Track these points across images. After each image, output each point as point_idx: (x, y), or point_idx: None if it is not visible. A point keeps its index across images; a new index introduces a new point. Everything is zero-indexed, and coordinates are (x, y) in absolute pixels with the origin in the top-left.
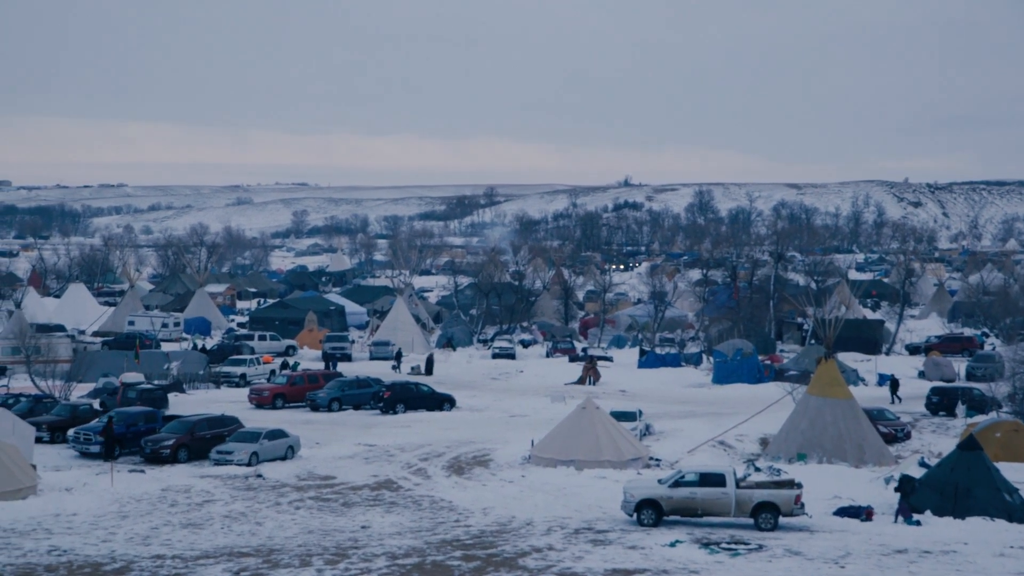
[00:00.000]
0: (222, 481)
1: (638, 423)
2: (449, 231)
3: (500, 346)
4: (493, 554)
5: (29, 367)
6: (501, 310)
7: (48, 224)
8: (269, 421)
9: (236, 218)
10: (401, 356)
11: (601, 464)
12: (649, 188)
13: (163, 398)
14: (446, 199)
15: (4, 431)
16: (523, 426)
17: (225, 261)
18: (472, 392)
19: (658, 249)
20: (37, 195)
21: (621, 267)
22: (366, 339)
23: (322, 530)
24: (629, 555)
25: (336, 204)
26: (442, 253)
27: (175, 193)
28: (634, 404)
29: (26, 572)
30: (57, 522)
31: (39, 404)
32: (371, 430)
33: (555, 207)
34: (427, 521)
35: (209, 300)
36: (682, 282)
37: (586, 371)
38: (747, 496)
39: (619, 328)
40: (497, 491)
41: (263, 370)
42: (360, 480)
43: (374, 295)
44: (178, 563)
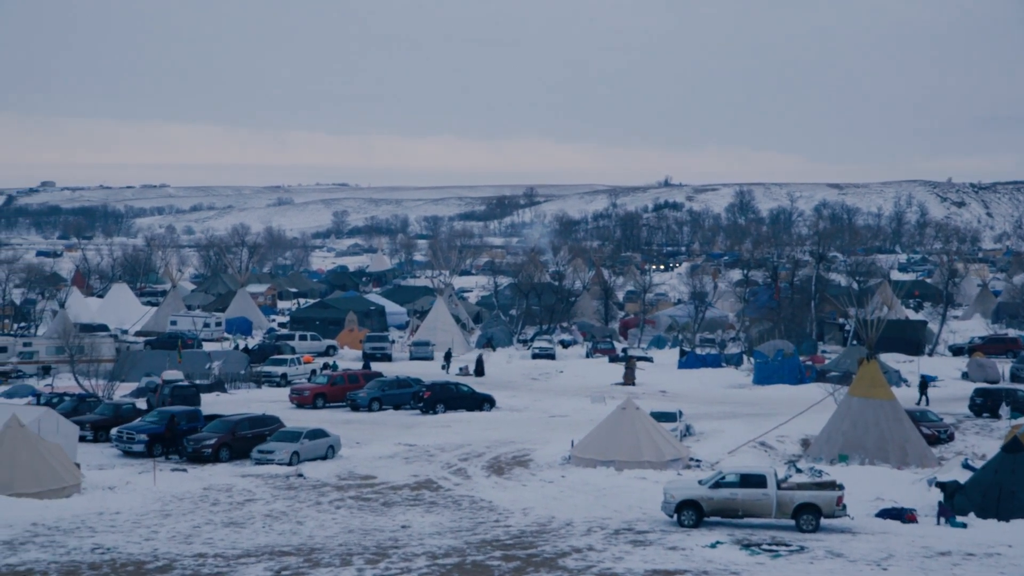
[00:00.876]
0: (263, 480)
1: (678, 424)
2: (489, 231)
3: (540, 346)
4: (533, 554)
5: (73, 366)
6: (541, 310)
7: (92, 225)
8: (310, 421)
9: (277, 218)
10: (451, 357)
11: (641, 465)
12: (689, 188)
13: (195, 396)
14: (486, 199)
15: (49, 430)
16: (563, 426)
17: (266, 261)
18: (512, 392)
19: (698, 249)
20: (81, 196)
21: (661, 267)
22: (406, 339)
23: (362, 529)
24: (669, 556)
25: (376, 204)
26: (482, 253)
27: (217, 194)
28: (674, 405)
29: (70, 570)
30: (100, 520)
31: (83, 403)
32: (411, 430)
33: (595, 207)
34: (467, 521)
35: (250, 300)
36: (723, 282)
37: (628, 370)
38: (788, 497)
39: (659, 328)
40: (537, 491)
41: (304, 370)
42: (400, 480)
43: (414, 295)
44: (220, 562)
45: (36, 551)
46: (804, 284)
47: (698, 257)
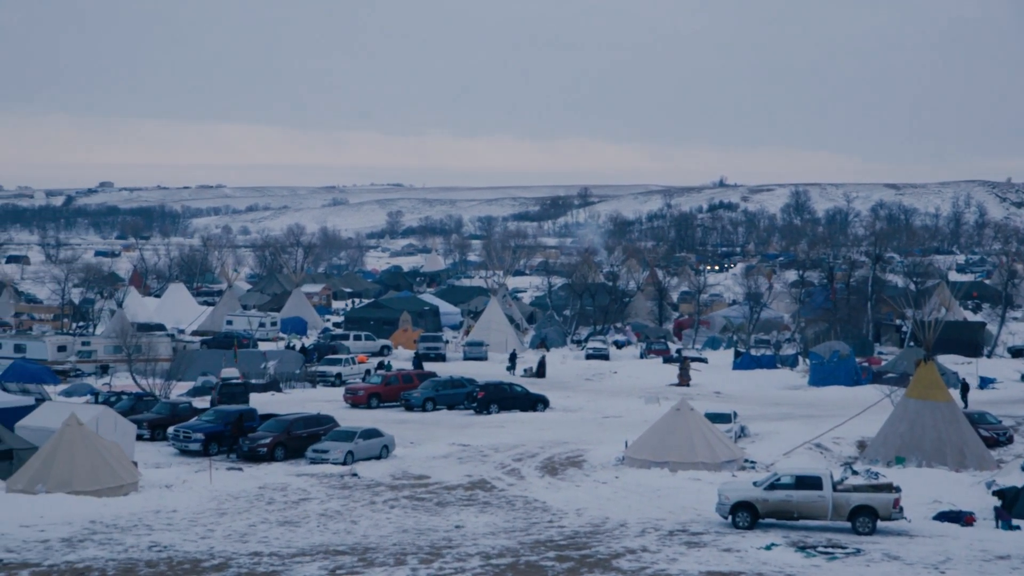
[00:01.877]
0: (318, 479)
1: (733, 425)
2: (543, 231)
3: (594, 347)
4: (587, 555)
5: (130, 365)
6: (595, 311)
7: (149, 225)
8: (364, 420)
9: (332, 218)
10: (515, 357)
11: (695, 466)
12: (744, 188)
13: (243, 394)
14: (540, 200)
15: (107, 429)
16: (617, 427)
17: (321, 261)
18: (566, 393)
19: (753, 250)
20: (138, 196)
21: (716, 268)
22: (460, 339)
23: (416, 529)
24: (724, 557)
25: (431, 205)
26: (536, 253)
27: (272, 194)
28: (729, 406)
29: (128, 567)
30: (157, 518)
31: (140, 402)
32: (465, 430)
33: (649, 208)
34: (521, 521)
35: (305, 300)
36: (778, 283)
37: (683, 371)
38: (844, 499)
39: (714, 329)
40: (591, 492)
41: (358, 370)
42: (454, 480)
43: (468, 295)
44: (275, 560)
45: (94, 548)
46: (860, 285)
47: (753, 258)
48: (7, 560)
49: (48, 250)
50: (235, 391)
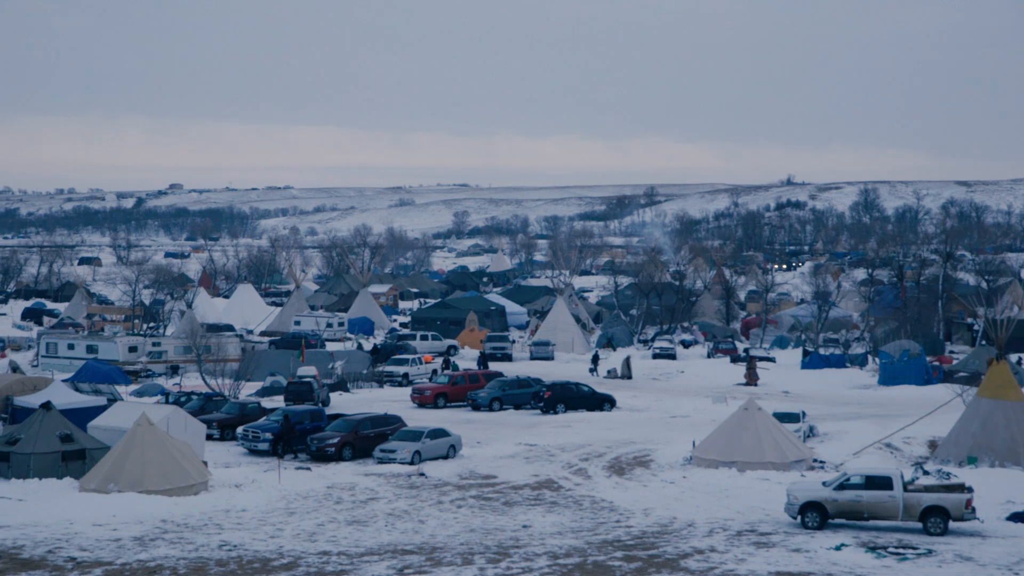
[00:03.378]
0: (385, 479)
1: (801, 424)
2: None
3: (660, 346)
4: (655, 555)
5: (200, 366)
6: (661, 310)
7: (218, 226)
8: (431, 420)
9: (398, 219)
10: (598, 359)
11: (764, 466)
12: (812, 187)
13: (308, 392)
14: (606, 199)
15: (177, 428)
16: (684, 427)
17: (388, 262)
18: (633, 392)
19: (822, 248)
20: (207, 198)
21: (784, 267)
22: (526, 339)
23: (484, 529)
24: (793, 558)
25: (497, 205)
26: (602, 253)
27: (339, 195)
28: (797, 405)
29: (198, 566)
30: (227, 517)
31: (209, 402)
32: (532, 430)
33: (716, 206)
34: (588, 521)
35: (372, 300)
36: (846, 282)
37: (750, 370)
38: (915, 500)
39: (782, 328)
40: (658, 492)
41: (425, 369)
42: (521, 480)
43: (534, 295)
44: (343, 559)
45: (165, 547)
46: (931, 283)
47: (821, 256)
48: (81, 559)
49: (119, 252)
50: (301, 390)
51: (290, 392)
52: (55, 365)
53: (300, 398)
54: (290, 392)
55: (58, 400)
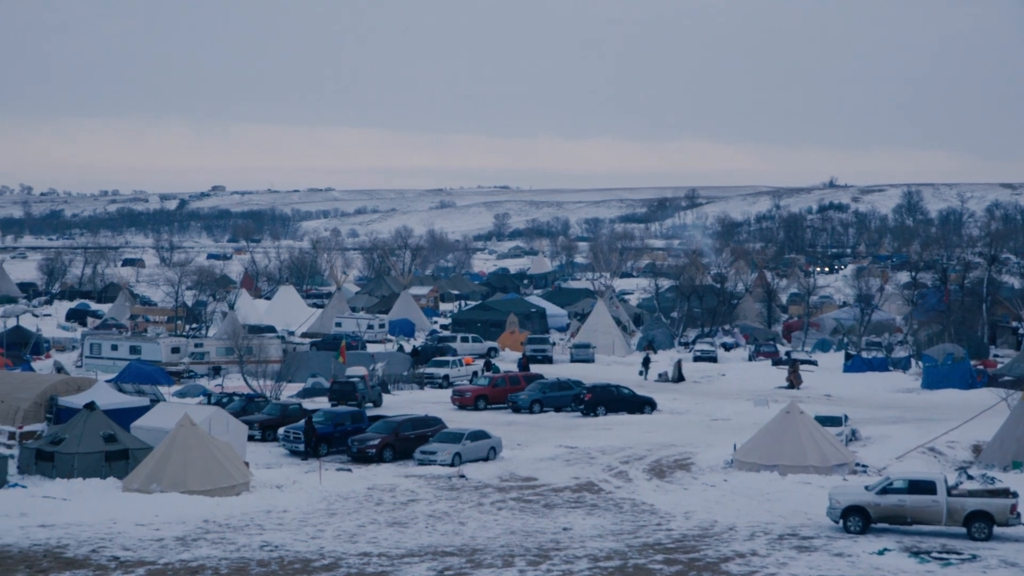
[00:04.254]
0: (426, 481)
1: (844, 428)
2: (650, 233)
3: (702, 349)
4: (695, 558)
5: (242, 367)
6: (702, 312)
7: (260, 228)
8: (471, 422)
9: (439, 221)
10: (649, 362)
11: (805, 469)
12: (855, 189)
13: (351, 392)
14: (647, 201)
15: (219, 429)
16: (725, 430)
17: (428, 263)
18: (673, 395)
19: (864, 251)
20: (250, 199)
21: (826, 269)
22: (567, 341)
23: (524, 531)
24: (835, 562)
25: (537, 207)
26: (643, 255)
27: (380, 197)
28: (839, 409)
29: (240, 566)
30: (269, 518)
31: (251, 403)
32: (572, 432)
33: (758, 209)
34: (628, 524)
35: (413, 302)
36: (890, 285)
37: (792, 374)
38: (959, 504)
39: (824, 331)
40: (699, 495)
41: (466, 371)
42: (561, 482)
43: (575, 297)
44: (384, 561)
45: (208, 547)
46: (975, 286)
47: (864, 259)
48: (124, 558)
49: (162, 253)
50: (345, 390)
51: (334, 392)
52: (99, 366)
53: (344, 398)
54: (334, 392)
55: (102, 400)
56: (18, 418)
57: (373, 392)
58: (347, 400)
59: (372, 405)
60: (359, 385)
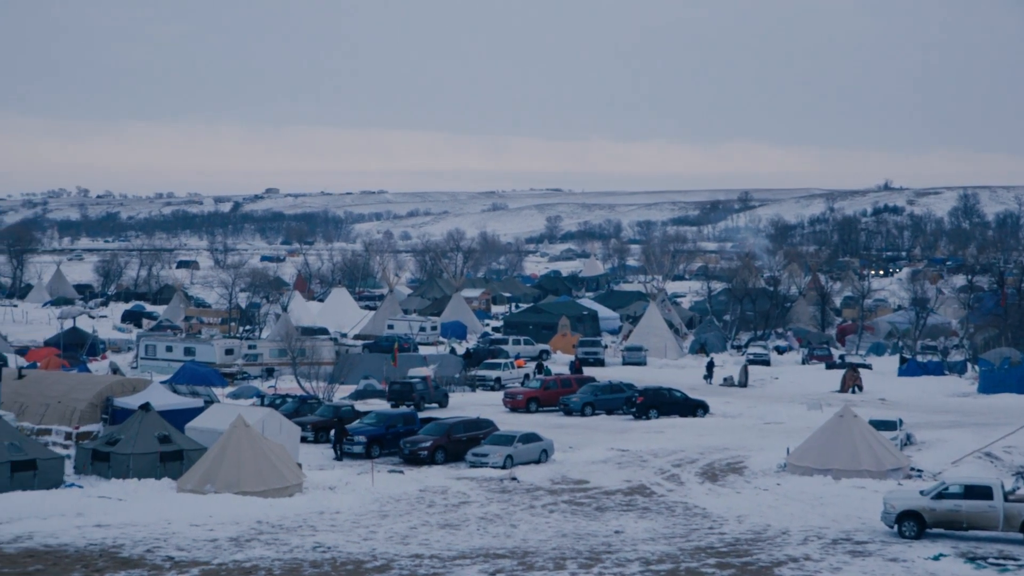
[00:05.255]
0: (477, 483)
1: (898, 432)
2: (702, 236)
3: (754, 352)
4: (748, 562)
5: (295, 368)
6: (755, 316)
7: (313, 230)
8: (523, 424)
9: (491, 223)
10: (713, 366)
11: (860, 474)
12: (910, 192)
13: (409, 392)
14: (699, 204)
15: (272, 430)
16: (778, 433)
17: (480, 266)
18: (726, 398)
19: (919, 254)
20: (303, 202)
21: (880, 272)
22: (619, 344)
23: (576, 534)
24: (890, 567)
25: (590, 209)
26: (695, 258)
27: (433, 199)
28: (894, 413)
29: (293, 567)
30: (321, 519)
31: (304, 404)
32: (624, 435)
33: (811, 211)
34: (680, 527)
35: (465, 304)
36: (945, 288)
37: (848, 379)
38: (1016, 510)
39: (878, 335)
40: (752, 499)
41: (517, 374)
42: (613, 485)
43: (627, 300)
44: (436, 563)
45: (261, 548)
46: None
47: (919, 262)
48: (178, 558)
49: (216, 255)
50: (403, 390)
51: (393, 392)
52: (153, 367)
53: (402, 398)
54: (393, 392)
55: (156, 401)
56: (74, 419)
57: (438, 393)
58: (405, 401)
59: (437, 406)
60: (418, 386)
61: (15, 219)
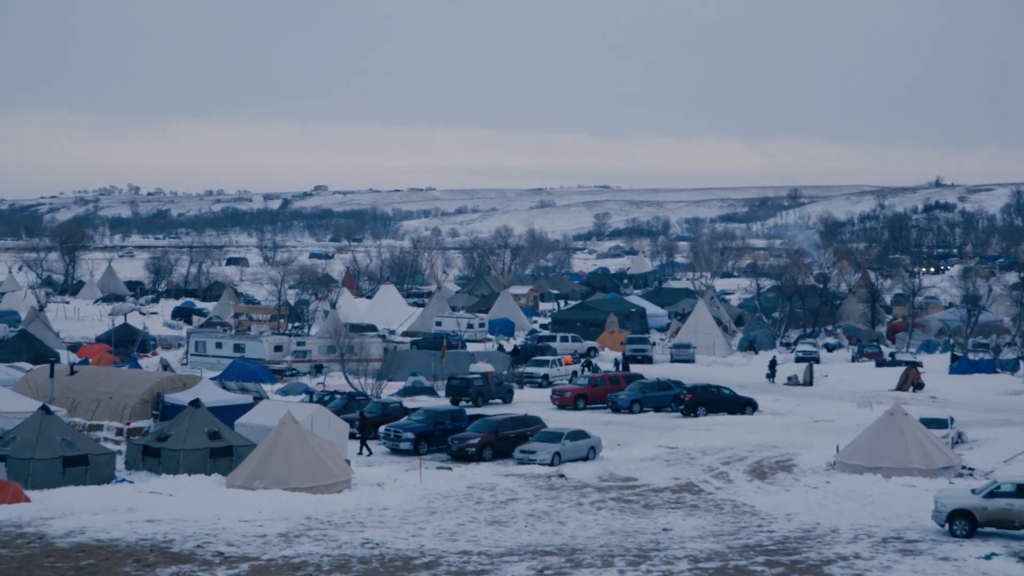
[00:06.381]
0: (525, 480)
1: (949, 431)
2: (751, 233)
3: (804, 349)
4: (797, 561)
5: (343, 365)
6: (804, 313)
7: (361, 227)
8: (571, 422)
9: (539, 220)
10: (776, 365)
11: (910, 472)
12: (962, 188)
13: (466, 388)
14: (748, 200)
15: (321, 427)
16: (827, 431)
17: (528, 263)
18: (774, 396)
19: (971, 251)
20: (351, 199)
21: (931, 270)
22: (667, 341)
23: (623, 531)
24: (941, 566)
25: (638, 206)
26: (744, 255)
27: (480, 196)
28: (945, 411)
29: (342, 563)
30: (370, 516)
31: (352, 401)
32: (672, 432)
33: (861, 208)
34: (729, 525)
35: (513, 301)
36: (997, 285)
37: (910, 377)
38: None
39: (929, 333)
40: (801, 497)
41: (565, 371)
42: (661, 482)
43: (675, 297)
44: (483, 559)
45: (310, 544)
46: None
47: (971, 259)
48: (228, 553)
49: (265, 252)
50: (461, 386)
51: (451, 388)
52: (203, 363)
53: (459, 393)
54: (451, 388)
55: (206, 398)
56: (125, 415)
57: (501, 388)
58: (463, 396)
59: (501, 401)
60: (476, 382)
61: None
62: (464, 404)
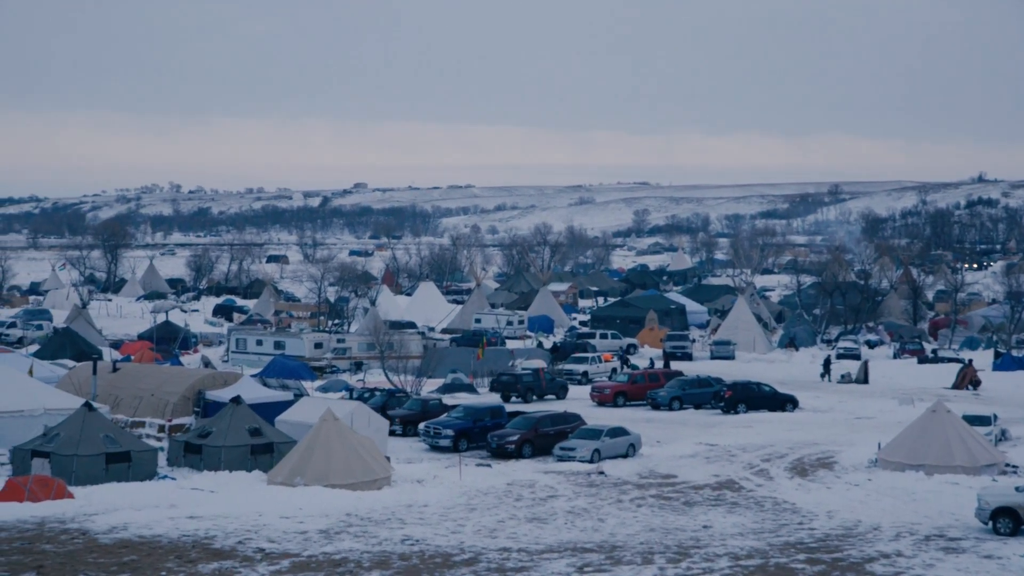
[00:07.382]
0: (565, 477)
1: (993, 428)
2: (792, 229)
3: (845, 346)
4: (838, 558)
5: (383, 362)
6: (845, 310)
7: (400, 224)
8: (610, 419)
9: (578, 217)
10: (830, 363)
11: (953, 469)
12: (1005, 184)
13: (514, 384)
14: (788, 197)
15: (361, 424)
16: (869, 428)
17: (567, 260)
18: (815, 393)
19: (1015, 247)
20: (391, 196)
21: (974, 266)
22: (707, 338)
23: (663, 528)
24: (984, 565)
25: (677, 203)
26: (784, 252)
27: (520, 193)
28: (988, 408)
29: (382, 559)
30: (410, 512)
31: (392, 398)
32: (712, 429)
33: (903, 204)
34: (770, 523)
35: (552, 298)
36: None
37: (968, 375)
38: None
39: (972, 329)
40: (842, 494)
41: (605, 368)
42: (701, 479)
43: (715, 294)
44: (523, 556)
45: (350, 540)
46: None
47: (1014, 255)
48: (269, 550)
49: (305, 250)
50: (508, 382)
51: (500, 384)
52: (244, 360)
53: (507, 389)
54: (500, 384)
55: (247, 395)
56: (167, 411)
57: (554, 384)
58: (512, 393)
59: (555, 397)
60: (524, 377)
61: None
62: (514, 400)
